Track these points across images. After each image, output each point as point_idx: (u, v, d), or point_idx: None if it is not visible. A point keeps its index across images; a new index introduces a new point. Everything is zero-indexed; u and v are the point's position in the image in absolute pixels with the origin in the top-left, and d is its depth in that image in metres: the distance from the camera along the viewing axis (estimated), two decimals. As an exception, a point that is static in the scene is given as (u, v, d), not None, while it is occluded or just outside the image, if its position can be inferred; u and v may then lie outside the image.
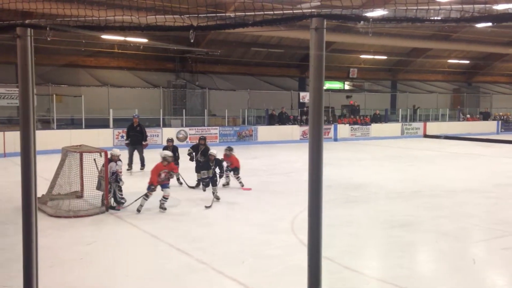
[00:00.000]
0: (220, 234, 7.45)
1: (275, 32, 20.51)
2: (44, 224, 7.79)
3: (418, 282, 5.60)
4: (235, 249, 6.64)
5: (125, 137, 14.55)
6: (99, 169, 8.97)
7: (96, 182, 9.01)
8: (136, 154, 13.78)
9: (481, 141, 24.65)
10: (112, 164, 8.94)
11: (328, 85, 30.22)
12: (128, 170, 13.23)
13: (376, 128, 26.82)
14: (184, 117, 22.39)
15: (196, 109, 24.74)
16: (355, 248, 6.87)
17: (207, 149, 10.75)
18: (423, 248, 7.12)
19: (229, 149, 11.38)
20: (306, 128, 25.62)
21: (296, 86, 28.96)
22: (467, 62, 33.88)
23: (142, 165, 13.61)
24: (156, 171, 8.78)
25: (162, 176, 8.83)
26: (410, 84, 33.73)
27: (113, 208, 8.83)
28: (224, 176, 10.94)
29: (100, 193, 8.92)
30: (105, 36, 18.66)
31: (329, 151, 19.18)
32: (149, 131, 20.39)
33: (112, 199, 8.94)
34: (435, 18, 2.03)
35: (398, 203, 9.86)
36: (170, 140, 11.98)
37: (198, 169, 10.94)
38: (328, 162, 15.20)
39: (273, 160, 16.98)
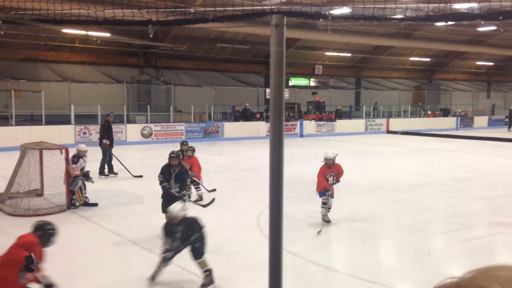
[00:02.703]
0: (185, 231, 7.39)
1: (241, 28, 20.48)
2: (2, 224, 7.53)
3: (381, 275, 5.72)
4: (200, 246, 6.61)
5: (101, 137, 12.71)
6: (74, 166, 8.73)
7: (63, 179, 8.74)
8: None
9: (441, 136, 25.41)
10: (81, 160, 8.75)
11: (294, 81, 30.46)
12: (113, 175, 12.25)
13: (340, 124, 27.22)
14: (149, 113, 22.08)
15: (161, 105, 24.44)
16: (320, 243, 6.96)
17: (182, 172, 7.32)
18: (385, 241, 7.28)
19: (192, 149, 9.83)
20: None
21: (262, 82, 29.07)
22: (428, 59, 34.79)
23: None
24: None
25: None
26: (373, 81, 34.41)
27: (90, 205, 8.64)
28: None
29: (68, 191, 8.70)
30: (66, 30, 18.13)
31: (296, 147, 19.34)
32: (113, 128, 19.98)
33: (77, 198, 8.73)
34: (392, 16, 2.07)
35: (362, 198, 10.04)
36: (185, 144, 10.21)
37: (164, 207, 6.73)
38: (295, 158, 15.42)
39: (239, 156, 16.97)
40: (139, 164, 14.16)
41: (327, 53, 30.33)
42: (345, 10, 13.82)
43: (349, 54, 31.08)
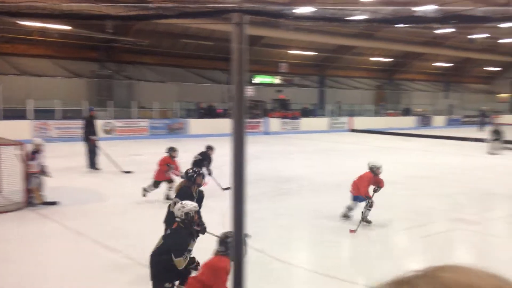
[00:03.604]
0: (150, 229, 7.29)
1: (206, 24, 20.34)
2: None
3: (344, 271, 5.80)
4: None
5: (87, 133, 12.48)
6: (31, 163, 8.43)
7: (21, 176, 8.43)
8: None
9: (402, 135, 26.08)
10: (38, 156, 8.47)
11: (258, 79, 30.53)
12: (95, 169, 12.14)
13: (305, 122, 27.49)
14: (111, 108, 21.62)
15: (123, 101, 23.99)
16: (285, 240, 7.01)
17: (202, 193, 6.10)
18: (349, 237, 7.41)
19: (172, 149, 9.40)
20: (237, 121, 25.60)
21: (227, 79, 29.02)
22: (389, 60, 35.61)
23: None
24: None
25: None
26: (337, 80, 34.94)
27: (49, 203, 8.36)
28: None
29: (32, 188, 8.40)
30: (22, 22, 17.48)
31: (261, 144, 19.39)
32: (73, 123, 19.40)
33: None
34: (351, 18, 2.10)
35: (326, 195, 10.16)
36: (210, 148, 9.90)
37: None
38: (260, 156, 15.48)
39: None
40: (103, 160, 13.85)
41: (292, 52, 30.56)
42: (307, 10, 13.97)
43: (314, 53, 31.42)
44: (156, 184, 9.14)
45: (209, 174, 9.54)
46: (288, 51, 30.40)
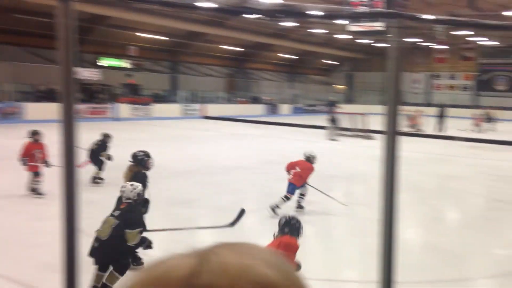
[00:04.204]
0: None
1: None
2: None
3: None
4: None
5: None
6: None
7: None
8: None
9: (252, 122, 27.13)
10: None
11: (105, 62, 28.79)
12: None
13: (157, 109, 26.85)
14: None
15: None
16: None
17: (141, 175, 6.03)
18: (202, 222, 7.39)
19: (36, 133, 8.60)
20: (82, 106, 23.93)
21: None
22: (240, 49, 36.62)
23: None
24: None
25: None
26: (190, 66, 34.79)
27: None
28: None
29: None
30: None
31: (110, 131, 18.33)
32: None
33: None
34: (192, 3, 1.97)
35: (179, 182, 10.04)
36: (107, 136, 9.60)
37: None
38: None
39: (45, 140, 15.30)
40: None
41: (142, 35, 29.41)
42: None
43: (165, 38, 30.70)
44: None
45: (109, 159, 9.34)
46: (138, 34, 29.15)
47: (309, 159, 8.21)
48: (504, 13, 24.28)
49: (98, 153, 9.38)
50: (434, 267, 5.75)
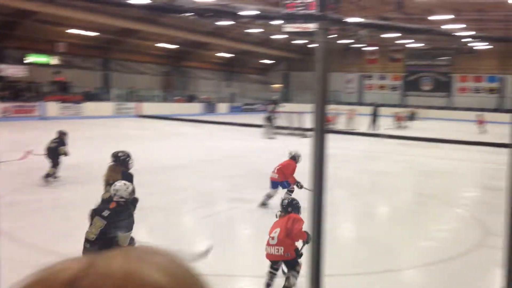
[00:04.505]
0: None
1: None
2: None
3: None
4: None
5: None
6: None
7: None
8: None
9: (189, 121, 26.85)
10: None
11: (32, 58, 27.26)
12: None
13: (89, 107, 25.85)
14: None
15: None
16: (67, 232, 6.42)
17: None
18: (140, 223, 7.21)
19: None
20: (7, 105, 22.63)
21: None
22: (176, 47, 36.08)
23: None
24: None
25: None
26: (123, 63, 33.77)
27: None
28: None
29: None
30: None
31: (36, 130, 17.41)
32: None
33: None
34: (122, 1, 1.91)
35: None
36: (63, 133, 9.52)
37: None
38: (35, 143, 13.80)
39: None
40: None
41: (71, 31, 28.12)
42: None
43: (96, 34, 29.55)
44: None
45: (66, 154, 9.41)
46: (67, 30, 27.83)
47: (293, 157, 8.33)
48: (430, 18, 25.77)
49: (56, 150, 9.31)
50: (366, 260, 5.98)
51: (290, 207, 5.04)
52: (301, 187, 7.80)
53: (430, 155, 15.92)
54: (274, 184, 8.10)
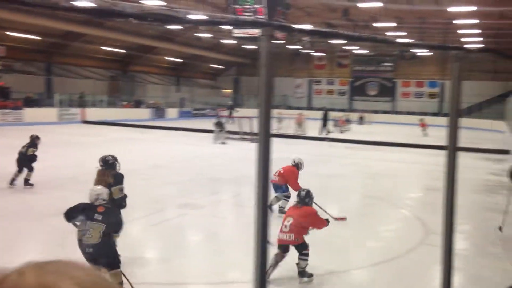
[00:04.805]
0: None
1: None
2: None
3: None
4: None
5: None
6: None
7: None
8: None
9: (137, 127, 26.28)
10: None
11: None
12: None
13: (30, 113, 24.76)
14: None
15: None
16: (10, 243, 6.13)
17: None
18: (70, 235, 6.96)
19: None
20: None
21: None
22: (123, 51, 35.27)
23: None
24: None
25: None
26: (67, 68, 32.59)
27: None
28: None
29: None
30: None
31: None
32: None
33: None
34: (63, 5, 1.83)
35: (60, 191, 9.37)
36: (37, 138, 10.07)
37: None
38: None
39: None
40: None
41: (11, 34, 26.84)
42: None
43: (38, 37, 28.35)
44: None
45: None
46: (7, 33, 26.54)
47: (296, 165, 8.53)
48: (374, 25, 26.68)
49: (27, 154, 9.64)
50: (316, 262, 6.06)
51: (308, 198, 5.74)
52: (289, 196, 8.08)
53: (377, 158, 16.44)
54: (276, 187, 8.21)
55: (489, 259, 6.38)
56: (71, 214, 4.75)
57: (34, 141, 10.08)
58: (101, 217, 4.53)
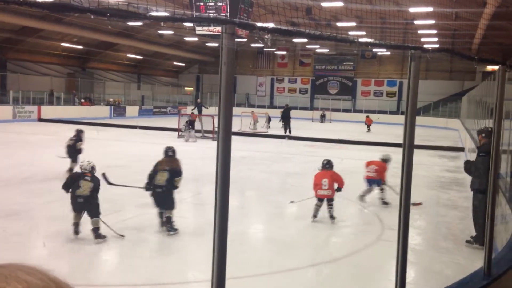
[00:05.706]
0: None
1: None
2: None
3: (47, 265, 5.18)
4: None
5: None
6: None
7: None
8: None
9: (96, 125, 25.62)
10: None
11: None
12: None
13: (-18, 111, 23.72)
14: None
15: None
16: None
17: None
18: (32, 236, 6.72)
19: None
20: None
21: None
22: (81, 47, 34.32)
23: None
24: None
25: None
26: (22, 64, 31.42)
27: None
28: None
29: None
30: None
31: None
32: None
33: None
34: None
35: (9, 191, 9.03)
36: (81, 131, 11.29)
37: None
38: None
39: None
40: None
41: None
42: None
43: (-9, 32, 27.24)
44: None
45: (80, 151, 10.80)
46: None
47: (385, 160, 9.49)
48: (337, 24, 27.10)
49: (74, 147, 10.66)
50: (271, 259, 6.11)
51: (328, 164, 8.08)
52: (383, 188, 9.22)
53: (336, 155, 16.71)
54: (371, 182, 9.21)
55: (441, 253, 6.61)
56: (69, 185, 6.44)
57: (79, 136, 10.95)
58: (89, 178, 6.48)
